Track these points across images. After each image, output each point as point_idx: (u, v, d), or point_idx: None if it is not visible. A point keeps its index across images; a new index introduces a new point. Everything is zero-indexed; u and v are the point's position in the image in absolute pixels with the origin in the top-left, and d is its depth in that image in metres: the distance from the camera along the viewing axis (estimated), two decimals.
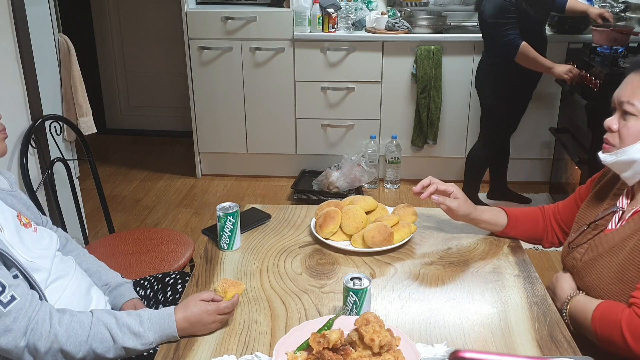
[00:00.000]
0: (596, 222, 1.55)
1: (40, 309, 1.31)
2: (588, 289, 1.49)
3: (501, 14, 3.06)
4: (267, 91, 4.01)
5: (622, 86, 1.44)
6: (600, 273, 1.45)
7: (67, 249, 1.71)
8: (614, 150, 1.44)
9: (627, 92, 1.41)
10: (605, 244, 1.46)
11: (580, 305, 1.45)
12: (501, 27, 3.08)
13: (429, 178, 1.72)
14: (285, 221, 1.91)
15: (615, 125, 1.43)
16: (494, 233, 1.80)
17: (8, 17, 2.21)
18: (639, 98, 1.39)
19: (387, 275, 1.61)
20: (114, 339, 1.33)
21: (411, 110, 3.95)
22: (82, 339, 1.31)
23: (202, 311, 1.36)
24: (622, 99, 1.41)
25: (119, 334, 1.33)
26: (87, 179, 3.28)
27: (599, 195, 1.61)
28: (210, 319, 1.36)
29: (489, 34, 3.25)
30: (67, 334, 1.30)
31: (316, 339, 1.20)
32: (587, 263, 1.50)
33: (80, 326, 1.32)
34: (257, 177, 4.26)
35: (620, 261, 1.40)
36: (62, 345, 1.30)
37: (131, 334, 1.34)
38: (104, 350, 1.33)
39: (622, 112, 1.43)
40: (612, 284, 1.41)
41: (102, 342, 1.33)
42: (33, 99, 2.35)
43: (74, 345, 1.31)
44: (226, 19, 3.86)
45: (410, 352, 1.23)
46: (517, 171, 4.09)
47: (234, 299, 1.40)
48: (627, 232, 1.42)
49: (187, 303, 1.38)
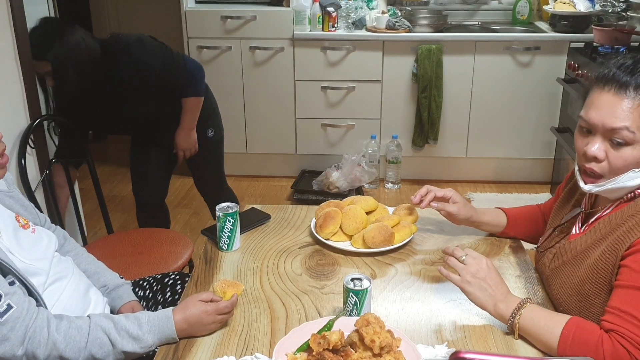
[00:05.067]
0: (562, 225, 1.53)
1: (38, 317, 1.29)
2: (553, 299, 1.46)
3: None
4: (267, 91, 4.00)
5: (598, 108, 1.29)
6: (563, 283, 1.42)
7: (66, 249, 1.70)
8: (602, 181, 1.33)
9: (616, 118, 1.26)
10: (569, 252, 1.42)
11: (539, 316, 1.31)
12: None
13: (425, 187, 1.71)
14: (285, 221, 1.90)
15: (602, 154, 1.30)
16: (494, 234, 1.79)
17: (7, 17, 2.20)
18: (637, 124, 1.25)
19: (388, 276, 1.60)
20: (113, 344, 1.32)
21: (412, 110, 3.94)
22: (81, 345, 1.30)
23: (201, 312, 1.35)
24: (615, 125, 1.26)
25: (118, 339, 1.32)
26: (85, 179, 3.27)
27: (567, 197, 1.58)
28: (209, 319, 1.35)
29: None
30: (66, 341, 1.29)
31: (316, 340, 1.19)
32: (553, 271, 1.48)
33: (78, 332, 1.31)
34: (256, 177, 4.25)
35: (581, 274, 1.36)
36: (61, 352, 1.29)
37: (130, 338, 1.33)
38: (103, 355, 1.32)
39: (608, 139, 1.29)
40: (571, 296, 1.39)
41: (101, 347, 1.32)
42: (32, 98, 2.34)
43: (73, 352, 1.30)
44: (225, 18, 3.85)
45: (411, 354, 1.22)
46: (518, 171, 4.08)
47: (233, 299, 1.40)
48: (588, 241, 1.38)
49: (186, 304, 1.37)
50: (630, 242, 1.26)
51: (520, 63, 3.77)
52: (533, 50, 3.72)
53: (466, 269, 1.39)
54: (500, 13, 4.24)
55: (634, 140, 1.27)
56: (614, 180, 1.31)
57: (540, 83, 3.76)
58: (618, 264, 1.28)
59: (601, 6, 3.79)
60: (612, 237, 1.31)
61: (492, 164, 4.10)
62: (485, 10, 4.26)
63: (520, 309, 1.32)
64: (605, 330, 1.23)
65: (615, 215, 1.34)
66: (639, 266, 1.23)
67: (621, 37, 3.18)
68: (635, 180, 1.30)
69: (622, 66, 1.29)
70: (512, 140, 3.97)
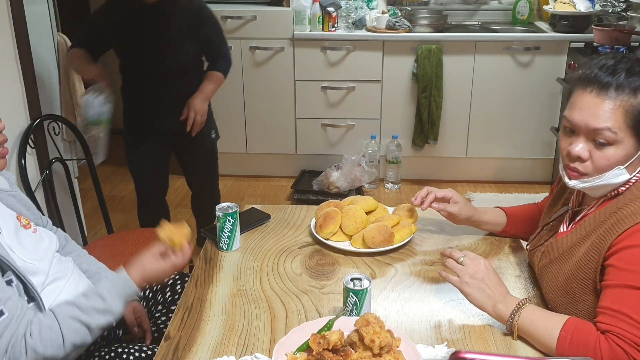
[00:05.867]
0: (550, 224, 1.54)
1: (21, 324, 1.28)
2: (543, 296, 1.47)
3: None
4: (267, 91, 4.00)
5: (581, 109, 1.30)
6: (551, 281, 1.43)
7: (67, 250, 1.70)
8: (586, 178, 1.34)
9: (598, 118, 1.27)
10: (556, 250, 1.43)
11: (538, 317, 1.31)
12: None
13: (426, 188, 1.71)
14: (285, 221, 1.90)
15: (586, 154, 1.31)
16: (494, 233, 1.79)
17: (7, 17, 2.20)
18: (620, 126, 1.26)
19: (388, 276, 1.60)
20: (88, 326, 1.34)
21: (412, 110, 3.94)
22: (59, 342, 1.31)
23: (158, 270, 1.40)
24: (598, 126, 1.27)
25: (89, 319, 1.34)
26: (85, 179, 3.27)
27: (558, 195, 1.60)
28: (166, 274, 1.42)
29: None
30: (43, 344, 1.29)
31: (316, 340, 1.19)
32: (542, 269, 1.48)
33: (50, 331, 1.31)
34: (256, 177, 4.25)
35: (566, 272, 1.37)
36: (43, 353, 1.29)
37: (99, 314, 1.35)
38: (83, 339, 1.34)
39: (592, 139, 1.30)
40: (559, 294, 1.39)
41: (77, 334, 1.33)
42: (31, 98, 2.35)
43: (54, 350, 1.30)
44: (226, 18, 3.85)
45: (411, 353, 1.22)
46: (518, 171, 4.08)
47: (186, 252, 1.44)
48: (574, 239, 1.38)
49: (142, 264, 1.41)
50: (611, 240, 1.27)
51: (520, 63, 3.77)
52: (533, 50, 3.72)
53: (464, 270, 1.39)
54: (500, 13, 4.24)
55: (616, 140, 1.28)
56: (599, 178, 1.32)
57: (540, 83, 3.76)
58: (602, 263, 1.28)
59: (601, 6, 3.79)
60: (595, 234, 1.32)
61: (492, 164, 4.10)
62: (485, 10, 4.26)
63: (519, 310, 1.32)
64: (601, 331, 1.23)
65: (599, 213, 1.35)
66: (624, 264, 1.24)
67: (621, 37, 3.19)
68: (620, 177, 1.31)
69: (603, 67, 1.30)
70: (512, 140, 3.97)
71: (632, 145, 1.29)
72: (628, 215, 1.27)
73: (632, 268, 1.22)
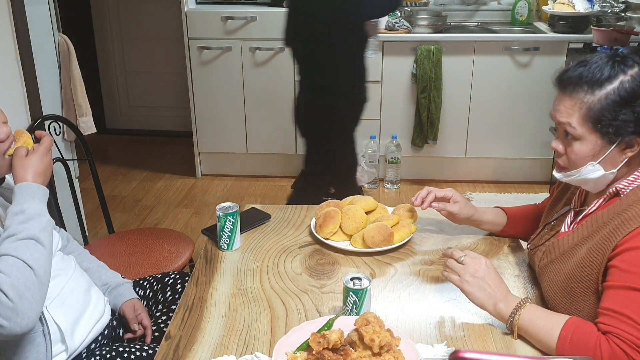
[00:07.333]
0: (552, 223, 1.55)
1: None
2: (543, 296, 1.48)
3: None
4: (267, 91, 4.00)
5: (553, 105, 1.39)
6: (551, 280, 1.43)
7: (69, 250, 1.71)
8: (566, 172, 1.41)
9: (562, 113, 1.35)
10: (557, 250, 1.44)
11: (538, 317, 1.32)
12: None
13: (425, 189, 1.72)
14: (285, 221, 1.91)
15: (561, 147, 1.39)
16: (494, 233, 1.80)
17: (8, 17, 2.20)
18: (578, 121, 1.33)
19: (387, 276, 1.60)
20: (30, 238, 1.32)
21: (411, 110, 3.94)
22: (19, 265, 1.28)
23: (36, 161, 1.41)
24: (561, 120, 1.35)
25: (26, 233, 1.31)
26: (86, 179, 3.27)
27: (560, 195, 1.61)
28: (47, 159, 1.44)
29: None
30: (11, 276, 1.26)
31: (316, 339, 1.20)
32: (542, 269, 1.49)
33: (7, 263, 1.27)
34: (257, 177, 4.25)
35: (567, 272, 1.38)
36: (17, 284, 1.26)
37: (28, 222, 1.33)
38: (36, 251, 1.31)
39: (564, 133, 1.38)
40: (559, 294, 1.40)
41: (27, 248, 1.30)
42: (32, 98, 2.35)
43: (22, 273, 1.27)
44: (226, 19, 3.85)
45: (411, 353, 1.23)
46: (518, 171, 4.09)
47: (46, 142, 1.47)
48: (575, 239, 1.39)
49: (22, 166, 1.40)
50: (616, 241, 1.27)
51: (519, 63, 3.78)
52: (532, 50, 3.73)
53: (465, 269, 1.40)
54: (500, 14, 4.25)
55: (579, 135, 1.34)
56: (577, 172, 1.38)
57: (540, 83, 3.76)
58: (605, 264, 1.29)
59: (600, 7, 3.79)
60: (598, 235, 1.33)
61: (491, 164, 4.11)
62: (484, 10, 4.26)
63: (520, 309, 1.33)
64: (602, 332, 1.23)
65: (602, 214, 1.36)
66: (627, 266, 1.24)
67: (620, 38, 3.19)
68: (595, 173, 1.36)
69: (570, 67, 1.37)
70: (512, 140, 3.97)
71: (596, 142, 1.33)
72: (633, 216, 1.27)
73: (635, 270, 1.23)
